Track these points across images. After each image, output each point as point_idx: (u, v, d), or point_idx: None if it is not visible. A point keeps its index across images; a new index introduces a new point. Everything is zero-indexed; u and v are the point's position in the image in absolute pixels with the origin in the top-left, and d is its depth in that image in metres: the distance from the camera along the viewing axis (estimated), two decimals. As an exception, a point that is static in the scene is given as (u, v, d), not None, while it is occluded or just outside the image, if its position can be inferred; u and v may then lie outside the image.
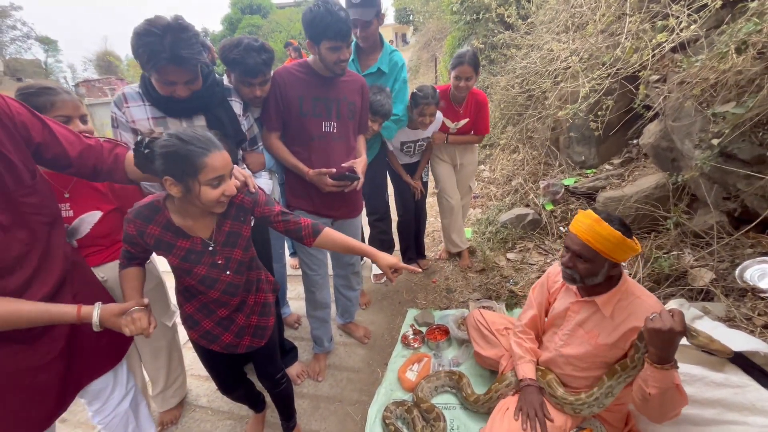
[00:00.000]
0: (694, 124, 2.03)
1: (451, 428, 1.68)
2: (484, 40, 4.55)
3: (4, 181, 0.90)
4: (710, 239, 2.03)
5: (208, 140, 1.02)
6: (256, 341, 1.40)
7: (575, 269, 1.32)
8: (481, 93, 2.54)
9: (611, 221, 1.23)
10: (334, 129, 1.75)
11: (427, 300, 2.64)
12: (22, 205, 0.95)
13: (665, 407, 1.21)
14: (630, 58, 2.31)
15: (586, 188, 2.96)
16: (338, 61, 1.60)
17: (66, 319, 0.97)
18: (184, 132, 1.01)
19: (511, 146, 4.12)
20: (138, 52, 1.21)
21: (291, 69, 1.69)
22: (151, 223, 1.12)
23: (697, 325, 1.62)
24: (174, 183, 1.02)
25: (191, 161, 0.99)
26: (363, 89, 1.83)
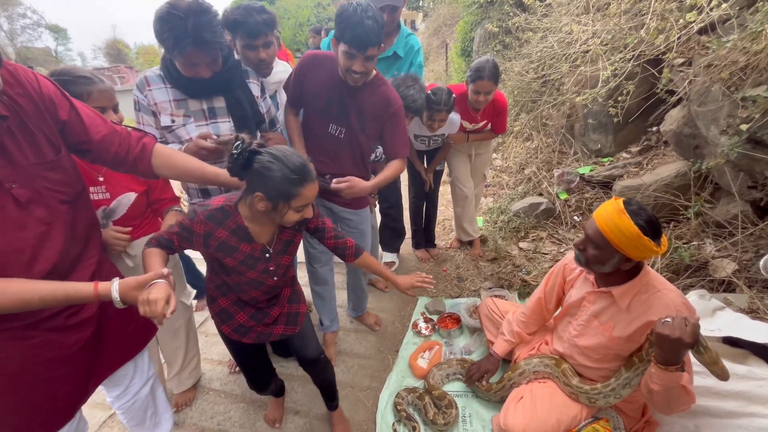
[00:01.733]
0: (721, 109, 1.95)
1: (463, 416, 1.67)
2: (499, 24, 4.41)
3: (26, 154, 0.88)
4: (733, 229, 1.97)
5: (308, 170, 1.06)
6: (290, 329, 1.41)
7: (584, 252, 1.29)
8: (501, 98, 2.42)
9: (637, 215, 1.16)
10: (341, 134, 1.66)
11: (438, 288, 2.63)
12: (42, 180, 0.91)
13: (670, 403, 1.19)
14: (654, 39, 2.22)
15: (603, 177, 2.89)
16: (349, 69, 1.47)
17: (82, 297, 0.91)
18: (289, 157, 1.04)
19: (524, 134, 4.03)
20: (163, 38, 1.21)
21: (320, 57, 1.60)
22: (221, 226, 1.13)
23: (719, 317, 1.58)
24: (263, 200, 1.05)
25: (290, 189, 1.04)
26: (388, 107, 1.62)
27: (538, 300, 1.63)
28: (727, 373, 1.06)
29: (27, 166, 0.88)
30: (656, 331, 1.10)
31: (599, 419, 1.40)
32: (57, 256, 0.95)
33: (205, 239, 1.12)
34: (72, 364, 1.05)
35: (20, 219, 0.87)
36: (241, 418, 1.78)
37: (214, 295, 1.31)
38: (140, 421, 1.42)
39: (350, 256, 1.42)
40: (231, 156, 1.01)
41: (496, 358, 1.73)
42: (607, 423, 1.40)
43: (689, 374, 1.19)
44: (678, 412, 1.22)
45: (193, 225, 1.11)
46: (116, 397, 1.32)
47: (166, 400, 1.51)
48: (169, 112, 1.39)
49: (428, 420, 1.61)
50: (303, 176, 1.05)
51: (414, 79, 1.94)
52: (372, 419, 1.73)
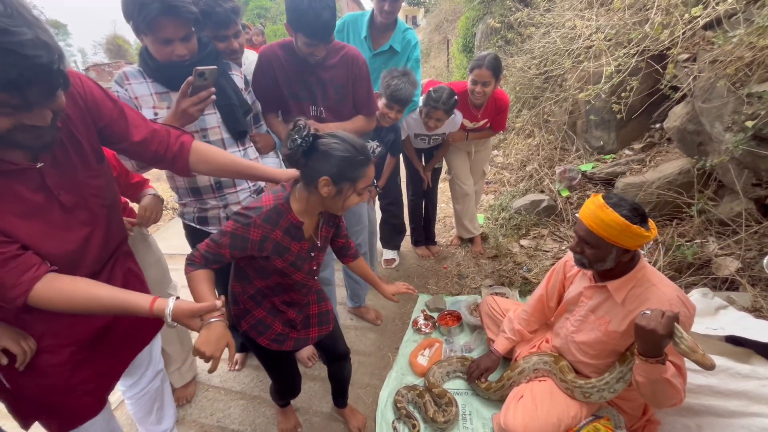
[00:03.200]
0: (726, 106, 1.92)
1: (463, 413, 1.67)
2: (501, 19, 4.38)
3: (73, 163, 0.91)
4: (737, 227, 1.95)
5: (368, 150, 1.06)
6: (325, 329, 1.38)
7: (583, 254, 1.29)
8: (503, 97, 2.40)
9: (619, 206, 1.18)
10: (322, 113, 1.65)
11: (439, 286, 2.62)
12: (87, 187, 0.95)
13: (657, 396, 1.20)
14: (659, 35, 2.19)
15: (605, 174, 2.86)
16: (312, 55, 1.48)
17: (137, 310, 0.90)
18: (352, 138, 1.04)
19: (526, 130, 4.00)
20: (128, 10, 1.15)
21: (275, 49, 1.59)
22: (277, 227, 1.07)
23: (722, 316, 1.57)
24: (330, 183, 1.01)
25: (356, 170, 1.03)
26: (353, 64, 1.61)
27: (540, 298, 1.63)
28: (710, 360, 1.05)
29: (74, 175, 0.92)
30: (635, 322, 1.12)
31: (600, 418, 1.39)
32: (96, 258, 0.99)
33: (261, 244, 1.06)
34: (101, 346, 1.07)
35: (66, 222, 0.91)
36: (241, 414, 1.78)
37: (249, 306, 1.23)
38: (146, 413, 1.44)
39: (351, 257, 1.43)
40: (293, 142, 0.97)
41: (496, 355, 1.72)
42: (608, 422, 1.39)
43: (678, 370, 1.20)
44: (667, 406, 1.24)
45: (249, 231, 1.04)
46: (129, 386, 1.34)
47: (172, 396, 1.52)
48: (151, 104, 1.35)
49: (428, 418, 1.60)
50: (367, 156, 1.04)
51: (404, 73, 1.88)
52: (372, 417, 1.72)
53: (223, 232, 1.05)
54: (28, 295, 0.82)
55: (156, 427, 1.49)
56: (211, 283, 1.06)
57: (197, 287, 1.04)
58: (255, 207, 1.06)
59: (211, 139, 1.45)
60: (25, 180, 0.83)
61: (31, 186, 0.84)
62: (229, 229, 1.04)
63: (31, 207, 0.84)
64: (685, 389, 1.21)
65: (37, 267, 0.84)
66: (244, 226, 1.03)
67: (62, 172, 0.89)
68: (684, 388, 1.20)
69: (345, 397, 1.65)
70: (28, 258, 0.83)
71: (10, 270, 0.80)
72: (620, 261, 1.26)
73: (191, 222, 1.56)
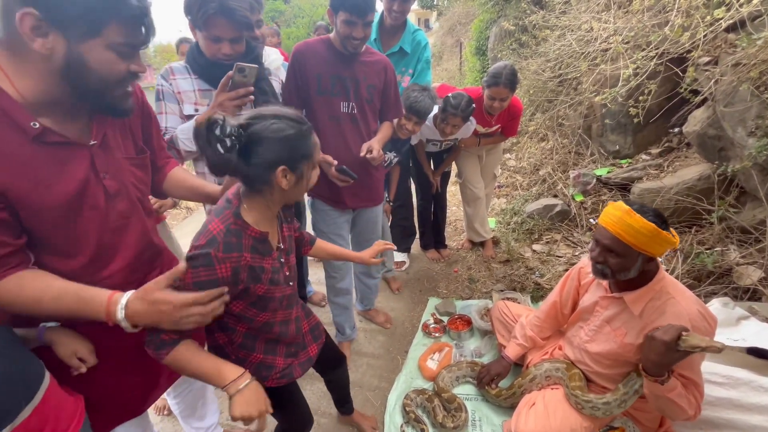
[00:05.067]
0: (749, 110, 1.87)
1: (472, 419, 1.64)
2: (515, 22, 4.34)
3: (120, 147, 0.90)
4: (760, 235, 1.89)
5: (299, 115, 0.91)
6: (320, 342, 1.29)
7: (606, 264, 1.24)
8: (517, 103, 2.39)
9: (644, 213, 1.15)
10: (353, 110, 1.68)
11: (449, 289, 2.60)
12: (129, 175, 0.91)
13: (664, 411, 1.21)
14: (679, 37, 2.14)
15: (621, 179, 2.81)
16: (349, 36, 1.53)
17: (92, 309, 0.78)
18: (284, 110, 0.88)
19: (539, 134, 3.96)
20: (189, 5, 1.23)
21: (311, 43, 1.64)
22: (243, 249, 0.88)
23: (743, 326, 1.52)
24: (288, 172, 0.86)
25: (308, 141, 0.89)
26: (386, 70, 1.73)
27: (554, 304, 1.59)
28: (719, 344, 1.03)
29: (119, 160, 0.88)
30: (645, 334, 1.16)
31: (615, 429, 1.36)
32: (132, 254, 0.93)
33: (234, 277, 0.87)
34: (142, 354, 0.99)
35: (106, 210, 0.86)
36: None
37: (242, 355, 1.06)
38: (192, 412, 1.46)
39: (308, 244, 1.29)
40: (220, 143, 0.78)
41: (507, 361, 1.69)
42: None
43: (695, 387, 1.18)
44: (680, 420, 1.23)
45: (215, 271, 0.84)
46: (173, 387, 1.32)
47: (213, 392, 1.54)
48: (193, 101, 1.39)
49: (437, 423, 1.59)
50: (306, 122, 0.90)
51: (424, 88, 1.97)
52: (380, 420, 1.71)
53: (184, 282, 0.83)
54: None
55: (201, 422, 1.51)
56: (202, 349, 0.90)
57: (193, 359, 0.86)
58: (207, 241, 0.85)
59: None
60: (75, 157, 0.78)
61: (79, 164, 0.79)
62: (190, 280, 0.83)
63: (75, 187, 0.78)
64: (700, 405, 1.18)
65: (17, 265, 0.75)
66: (206, 268, 0.83)
67: (109, 155, 0.85)
68: (697, 404, 1.18)
69: (350, 401, 1.61)
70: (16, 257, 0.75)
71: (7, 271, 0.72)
72: (642, 270, 1.23)
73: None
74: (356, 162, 1.69)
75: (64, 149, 0.77)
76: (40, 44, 0.65)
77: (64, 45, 0.67)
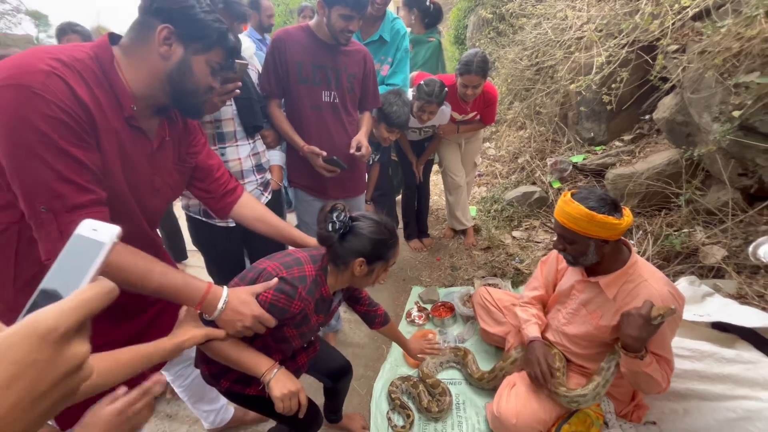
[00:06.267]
0: (714, 96, 1.94)
1: (456, 403, 1.69)
2: (492, 11, 4.35)
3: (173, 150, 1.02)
4: (723, 216, 1.99)
5: (395, 230, 1.11)
6: (311, 350, 1.30)
7: (566, 251, 1.32)
8: (491, 90, 2.41)
9: (585, 199, 1.21)
10: (335, 99, 1.67)
11: (432, 278, 2.63)
12: (171, 177, 1.03)
13: (640, 385, 1.28)
14: (649, 25, 2.19)
15: (596, 165, 2.89)
16: (345, 30, 1.52)
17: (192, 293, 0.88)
18: (386, 221, 1.08)
19: (517, 122, 4.01)
20: None
21: (291, 31, 1.61)
22: (313, 299, 1.03)
23: (708, 303, 1.60)
24: (364, 264, 1.04)
25: (390, 249, 1.08)
26: (366, 60, 1.73)
27: (540, 297, 1.63)
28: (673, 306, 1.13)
29: (169, 161, 1.02)
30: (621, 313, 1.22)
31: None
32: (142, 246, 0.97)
33: (296, 316, 1.00)
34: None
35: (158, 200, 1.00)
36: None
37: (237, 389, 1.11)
38: (200, 397, 1.47)
39: (378, 324, 1.43)
40: (331, 225, 0.99)
41: (538, 341, 1.48)
42: (598, 407, 1.42)
43: (666, 363, 1.24)
44: (652, 393, 1.29)
45: (292, 304, 0.97)
46: (176, 376, 1.35)
47: None
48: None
49: (422, 408, 1.62)
50: (396, 236, 1.10)
51: (397, 95, 1.99)
52: (366, 408, 1.73)
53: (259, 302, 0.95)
54: None
55: (212, 405, 1.52)
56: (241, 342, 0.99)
57: (236, 348, 0.96)
58: (299, 276, 1.00)
59: (225, 130, 1.46)
60: (143, 148, 0.93)
61: (142, 155, 0.93)
62: (270, 299, 0.94)
63: (133, 170, 0.91)
64: (670, 379, 1.25)
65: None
66: (288, 298, 0.96)
67: (162, 156, 0.99)
68: (668, 378, 1.24)
69: (341, 409, 1.58)
70: (106, 211, 0.82)
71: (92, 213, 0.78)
72: (604, 253, 1.27)
73: (197, 215, 1.55)
74: (340, 152, 1.68)
75: (139, 136, 0.91)
76: (165, 50, 0.86)
77: (181, 54, 0.88)
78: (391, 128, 2.01)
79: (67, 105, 0.73)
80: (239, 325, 0.91)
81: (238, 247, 1.70)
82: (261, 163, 1.63)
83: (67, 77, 0.74)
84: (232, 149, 1.51)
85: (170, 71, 0.88)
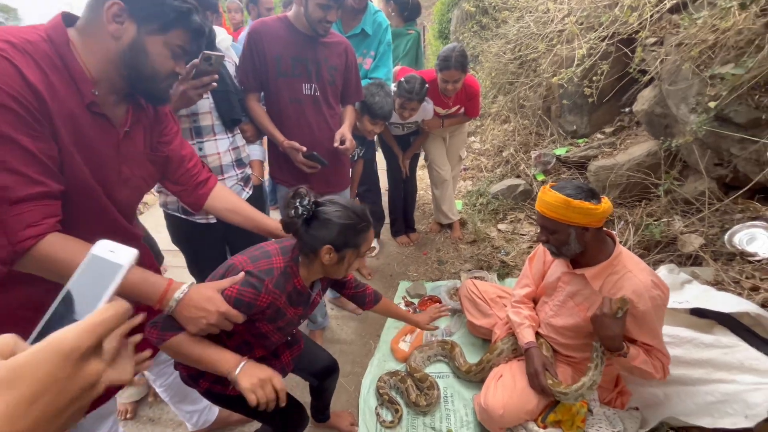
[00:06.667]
0: (690, 88, 1.98)
1: (444, 396, 1.69)
2: (475, 4, 4.35)
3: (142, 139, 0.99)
4: (700, 205, 2.04)
5: (368, 216, 1.04)
6: (296, 348, 1.26)
7: (548, 242, 1.33)
8: (473, 83, 2.40)
9: (562, 188, 1.24)
10: (316, 92, 1.63)
11: (419, 272, 2.63)
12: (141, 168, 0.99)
13: (635, 377, 1.34)
14: (628, 18, 2.22)
15: (578, 158, 2.93)
16: (324, 20, 1.48)
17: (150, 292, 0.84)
18: (353, 205, 1.02)
19: (502, 116, 4.03)
20: None
21: (268, 23, 1.56)
22: (283, 292, 0.99)
23: (687, 289, 1.64)
24: (332, 251, 0.98)
25: (360, 235, 1.01)
26: (347, 52, 1.69)
27: (530, 295, 1.64)
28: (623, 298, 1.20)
29: (139, 151, 0.97)
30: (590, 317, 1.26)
31: (575, 392, 1.44)
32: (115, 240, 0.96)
33: (264, 309, 0.96)
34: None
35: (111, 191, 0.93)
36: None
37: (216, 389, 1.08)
38: (183, 397, 1.42)
39: (370, 303, 1.37)
40: (294, 210, 0.93)
41: (534, 347, 1.48)
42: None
43: (657, 353, 1.26)
44: (652, 379, 1.30)
45: (258, 298, 0.93)
46: (157, 374, 1.31)
47: None
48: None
49: (411, 402, 1.62)
50: (368, 221, 1.03)
51: (379, 86, 1.96)
52: (354, 404, 1.72)
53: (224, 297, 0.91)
54: (39, 242, 0.73)
55: (194, 406, 1.48)
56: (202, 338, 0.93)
57: (197, 345, 0.90)
58: (266, 269, 0.96)
59: (202, 124, 1.42)
60: (108, 135, 0.88)
61: (109, 143, 0.88)
62: (234, 294, 0.90)
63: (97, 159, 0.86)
64: (667, 367, 1.27)
65: (58, 218, 0.78)
66: (255, 291, 0.93)
67: (132, 145, 0.94)
68: (664, 367, 1.26)
69: (329, 409, 1.55)
70: (57, 205, 0.77)
71: (38, 207, 0.73)
72: (586, 242, 1.28)
73: (175, 212, 1.49)
74: (322, 146, 1.65)
75: (103, 123, 0.86)
76: (114, 28, 0.79)
77: (133, 33, 0.81)
78: (374, 120, 1.98)
79: (14, 90, 0.68)
80: (203, 323, 0.86)
81: (220, 244, 1.66)
82: (241, 157, 1.59)
83: (16, 60, 0.69)
84: (210, 144, 1.46)
85: (122, 52, 0.82)
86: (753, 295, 1.60)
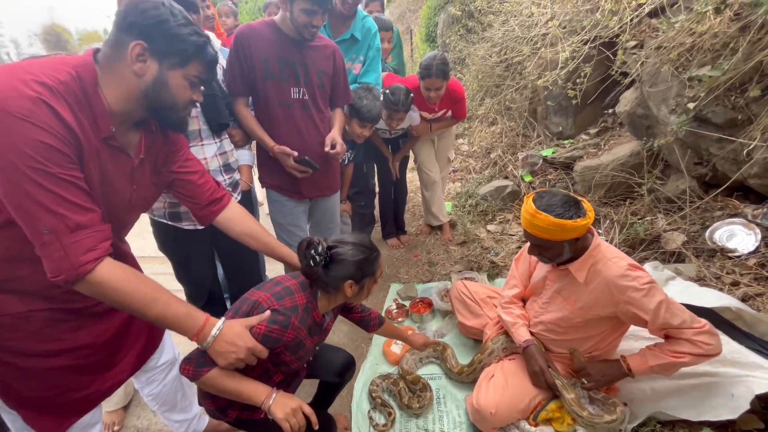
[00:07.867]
0: (670, 89, 2.04)
1: (437, 398, 1.69)
2: (462, 8, 4.40)
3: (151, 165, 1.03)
4: (682, 204, 2.09)
5: (373, 243, 1.14)
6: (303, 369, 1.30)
7: (542, 256, 1.36)
8: (458, 87, 2.43)
9: (550, 207, 1.23)
10: (304, 96, 1.63)
11: (410, 274, 2.63)
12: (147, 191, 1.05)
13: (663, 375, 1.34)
14: (609, 21, 2.28)
15: (564, 158, 2.98)
16: (309, 25, 1.48)
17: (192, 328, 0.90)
18: (362, 240, 1.12)
19: (489, 118, 4.08)
20: None
21: (255, 26, 1.55)
22: (305, 326, 1.06)
23: (671, 286, 1.68)
24: (353, 285, 1.07)
25: (374, 264, 1.12)
26: (335, 56, 1.69)
27: (520, 293, 1.65)
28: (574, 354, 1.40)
29: (148, 176, 1.03)
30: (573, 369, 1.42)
31: (565, 390, 1.45)
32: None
33: (289, 343, 1.03)
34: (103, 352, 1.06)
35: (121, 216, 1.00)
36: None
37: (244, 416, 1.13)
38: (172, 406, 1.40)
39: (374, 327, 1.45)
40: (312, 260, 1.01)
41: (530, 344, 1.49)
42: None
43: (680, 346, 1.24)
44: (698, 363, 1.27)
45: (285, 333, 1.00)
46: (144, 383, 1.30)
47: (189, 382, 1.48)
48: None
49: (403, 405, 1.61)
50: (377, 249, 1.14)
51: (367, 90, 1.97)
52: (347, 408, 1.71)
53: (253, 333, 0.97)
54: (96, 266, 0.79)
55: (184, 415, 1.45)
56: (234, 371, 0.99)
57: (233, 378, 0.97)
58: (291, 306, 1.03)
59: (188, 129, 1.41)
60: (124, 164, 0.93)
61: (124, 171, 0.94)
62: (263, 331, 0.97)
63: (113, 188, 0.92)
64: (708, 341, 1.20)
65: (111, 240, 0.85)
66: (281, 329, 0.99)
67: (142, 172, 0.99)
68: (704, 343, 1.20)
69: (328, 407, 1.56)
70: (108, 229, 0.84)
71: (94, 233, 0.80)
72: (577, 248, 1.33)
73: (161, 218, 1.47)
74: (312, 150, 1.64)
75: (120, 155, 0.92)
76: (138, 67, 0.85)
77: (155, 70, 0.87)
78: (363, 123, 1.98)
79: (56, 131, 0.75)
80: (233, 357, 0.92)
81: (207, 249, 1.64)
82: (229, 162, 1.58)
83: (53, 103, 0.75)
84: (197, 149, 1.45)
85: (145, 88, 0.87)
86: (734, 290, 1.65)
